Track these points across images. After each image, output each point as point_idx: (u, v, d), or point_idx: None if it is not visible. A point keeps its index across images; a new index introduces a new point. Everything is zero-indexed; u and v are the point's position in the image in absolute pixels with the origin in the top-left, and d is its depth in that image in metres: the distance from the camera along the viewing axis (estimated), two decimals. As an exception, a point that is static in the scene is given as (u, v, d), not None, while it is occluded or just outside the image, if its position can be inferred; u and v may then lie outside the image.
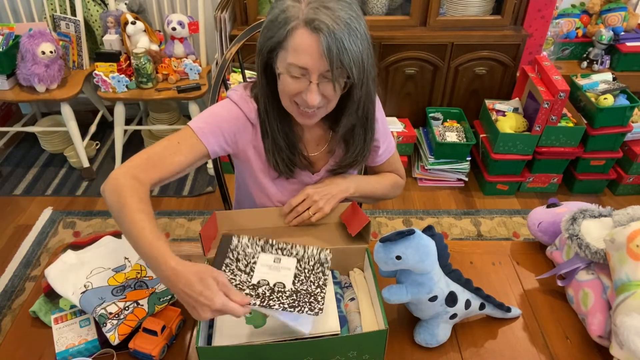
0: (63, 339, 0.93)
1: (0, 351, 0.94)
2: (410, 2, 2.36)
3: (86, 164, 2.61)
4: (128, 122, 2.72)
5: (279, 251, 0.97)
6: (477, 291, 0.94)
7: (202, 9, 2.42)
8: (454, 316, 0.93)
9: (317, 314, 0.84)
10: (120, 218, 0.86)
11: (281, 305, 0.84)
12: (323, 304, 0.87)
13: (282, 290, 0.88)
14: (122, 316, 0.92)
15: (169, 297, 0.98)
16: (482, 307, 0.96)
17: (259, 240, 0.98)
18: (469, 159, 2.50)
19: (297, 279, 0.92)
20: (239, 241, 0.96)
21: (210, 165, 2.66)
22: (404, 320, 0.99)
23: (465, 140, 2.46)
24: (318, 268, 0.95)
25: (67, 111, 2.40)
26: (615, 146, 2.38)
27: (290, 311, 0.83)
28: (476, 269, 1.13)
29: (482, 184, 2.57)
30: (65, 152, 2.73)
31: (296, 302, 0.85)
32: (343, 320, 0.92)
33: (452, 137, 2.46)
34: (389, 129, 1.21)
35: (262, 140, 1.07)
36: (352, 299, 0.97)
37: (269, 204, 1.16)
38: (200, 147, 1.00)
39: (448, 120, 2.60)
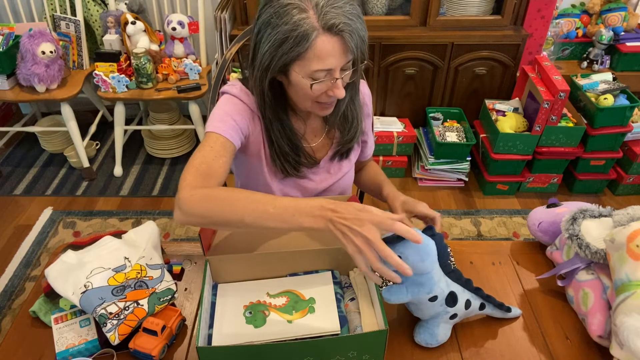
0: (63, 339, 0.93)
1: (0, 351, 0.94)
2: (410, 2, 2.36)
3: (86, 164, 2.61)
4: (128, 122, 2.72)
5: None
6: (477, 291, 0.94)
7: (202, 9, 2.42)
8: (454, 316, 0.93)
9: None
10: (228, 212, 0.84)
11: None
12: None
13: None
14: (122, 316, 0.92)
15: (169, 297, 0.98)
16: (482, 307, 0.96)
17: None
18: (469, 159, 2.50)
19: None
20: None
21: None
22: (404, 320, 0.99)
23: (465, 140, 2.46)
24: None
25: (67, 111, 2.40)
26: (615, 146, 2.38)
27: None
28: (476, 269, 1.13)
29: (482, 184, 2.57)
30: (65, 152, 2.73)
31: None
32: (343, 320, 0.92)
33: (452, 137, 2.46)
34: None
35: (268, 147, 1.10)
36: (352, 299, 0.97)
37: None
38: (229, 144, 1.00)
39: (448, 120, 2.60)
